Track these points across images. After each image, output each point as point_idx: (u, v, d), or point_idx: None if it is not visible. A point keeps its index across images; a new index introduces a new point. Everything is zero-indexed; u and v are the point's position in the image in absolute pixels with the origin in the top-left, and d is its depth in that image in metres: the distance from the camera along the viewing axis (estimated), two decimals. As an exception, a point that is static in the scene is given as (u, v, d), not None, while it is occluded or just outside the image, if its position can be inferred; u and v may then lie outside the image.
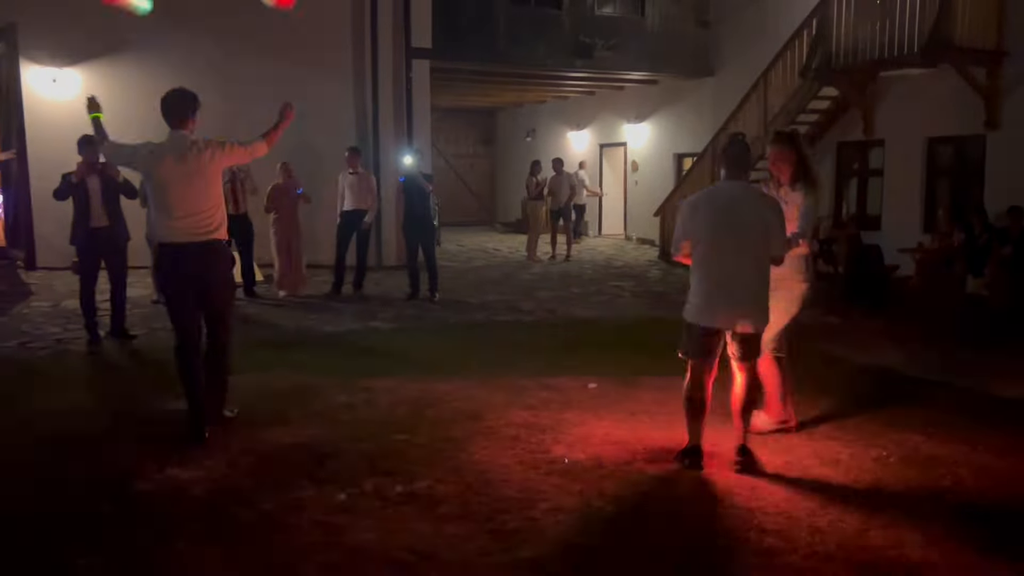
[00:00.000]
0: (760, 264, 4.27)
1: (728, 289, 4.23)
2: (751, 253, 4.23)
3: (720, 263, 4.24)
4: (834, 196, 13.22)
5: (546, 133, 20.99)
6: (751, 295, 4.26)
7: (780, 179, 4.81)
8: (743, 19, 14.74)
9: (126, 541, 3.57)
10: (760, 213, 4.27)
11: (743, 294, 4.25)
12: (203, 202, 4.80)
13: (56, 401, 5.68)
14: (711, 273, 4.26)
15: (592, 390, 5.90)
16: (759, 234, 4.24)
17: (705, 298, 4.28)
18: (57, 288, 10.37)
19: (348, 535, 3.59)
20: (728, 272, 4.23)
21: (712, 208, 4.29)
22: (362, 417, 5.29)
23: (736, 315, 4.26)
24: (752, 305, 4.27)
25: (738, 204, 4.27)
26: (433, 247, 10.20)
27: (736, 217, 4.24)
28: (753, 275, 4.25)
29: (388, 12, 12.93)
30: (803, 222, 4.68)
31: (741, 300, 4.25)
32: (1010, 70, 10.51)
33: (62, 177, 7.43)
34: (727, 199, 4.30)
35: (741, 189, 4.34)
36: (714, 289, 4.26)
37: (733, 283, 4.23)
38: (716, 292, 4.25)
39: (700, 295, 4.31)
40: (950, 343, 7.72)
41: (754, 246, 4.23)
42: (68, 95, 11.76)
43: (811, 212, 4.74)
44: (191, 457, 4.50)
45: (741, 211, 4.25)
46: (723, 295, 4.24)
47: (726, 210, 4.26)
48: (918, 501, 3.96)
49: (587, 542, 3.54)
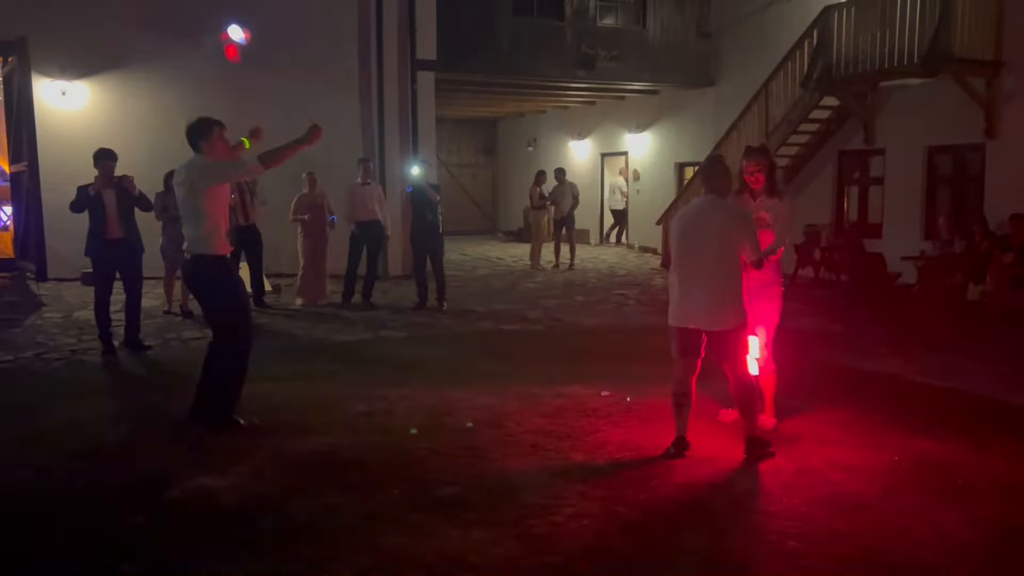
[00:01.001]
0: (724, 271, 4.63)
1: (695, 293, 4.65)
2: (715, 261, 4.63)
3: (688, 270, 4.69)
4: (836, 205, 13.36)
5: (547, 143, 21.13)
6: (715, 299, 4.63)
7: (755, 189, 5.15)
8: (744, 30, 14.91)
9: (163, 549, 3.66)
10: (728, 224, 4.67)
11: (708, 298, 4.63)
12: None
13: (76, 411, 5.76)
14: (682, 279, 4.72)
15: (605, 398, 6.00)
16: (724, 244, 4.64)
17: (677, 301, 4.72)
18: (68, 299, 10.45)
19: (378, 540, 3.68)
20: (694, 278, 4.65)
21: (684, 221, 4.79)
22: (381, 425, 5.38)
23: (702, 317, 4.64)
24: (716, 308, 4.63)
25: (706, 216, 4.69)
26: (441, 257, 10.30)
27: (703, 228, 4.66)
28: (717, 281, 4.63)
29: (393, 24, 13.07)
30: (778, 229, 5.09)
31: (706, 303, 4.63)
32: (1008, 80, 10.66)
33: (78, 189, 7.52)
34: (696, 212, 4.76)
35: (711, 203, 4.75)
36: (683, 293, 4.69)
37: (699, 288, 4.64)
38: (685, 296, 4.68)
39: (673, 299, 4.77)
40: (954, 350, 7.83)
41: (718, 254, 4.62)
42: (77, 108, 11.89)
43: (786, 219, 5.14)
44: (217, 466, 4.59)
45: (708, 223, 4.66)
46: (691, 299, 4.66)
47: (694, 223, 4.72)
48: (932, 505, 4.06)
49: (612, 547, 3.63)
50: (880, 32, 11.04)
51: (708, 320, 4.66)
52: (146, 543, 3.71)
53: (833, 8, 11.88)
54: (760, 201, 5.14)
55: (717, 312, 4.65)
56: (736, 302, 4.68)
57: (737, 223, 4.70)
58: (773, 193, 5.16)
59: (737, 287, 4.68)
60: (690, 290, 4.68)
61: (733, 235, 4.64)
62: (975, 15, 10.47)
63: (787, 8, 13.72)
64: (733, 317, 4.66)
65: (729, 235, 4.64)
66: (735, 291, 4.67)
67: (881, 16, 11.06)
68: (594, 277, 13.53)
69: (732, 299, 4.66)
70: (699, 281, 4.65)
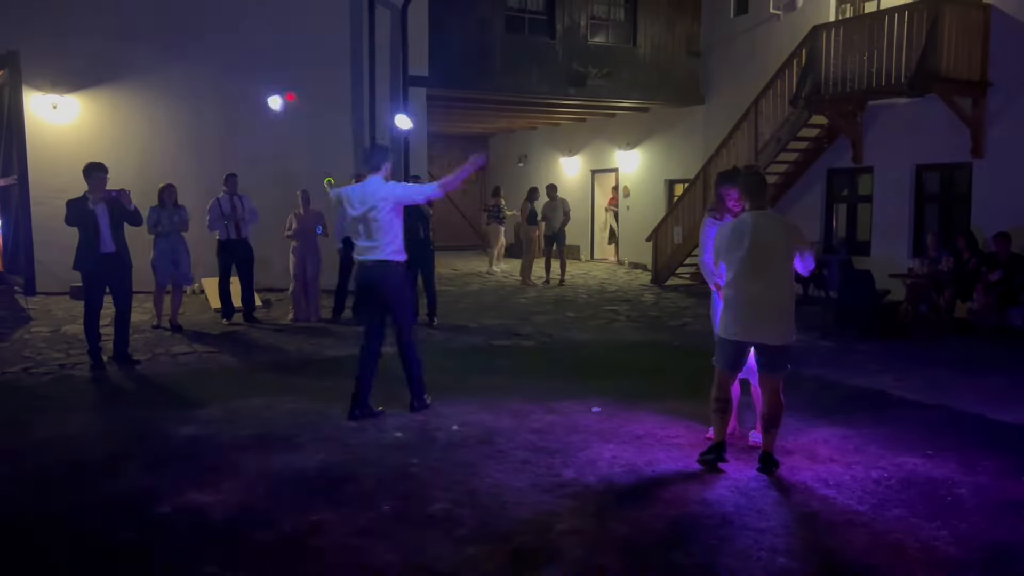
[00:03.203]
0: (788, 285, 4.77)
1: (758, 307, 4.72)
2: (781, 275, 4.74)
3: (752, 285, 4.72)
4: (824, 222, 13.46)
5: (538, 159, 21.22)
6: (782, 313, 4.74)
7: (736, 212, 5.19)
8: (733, 49, 15.05)
9: (153, 565, 3.64)
10: (785, 237, 4.76)
11: (774, 313, 4.73)
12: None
13: (64, 426, 5.73)
14: (741, 292, 4.76)
15: (596, 414, 6.00)
16: (788, 258, 4.73)
17: (735, 314, 4.78)
18: (56, 314, 10.40)
19: (370, 557, 3.67)
20: (759, 292, 4.72)
21: (739, 236, 4.79)
22: (372, 441, 5.37)
23: (767, 331, 4.73)
24: (781, 322, 4.74)
25: (769, 231, 4.76)
26: (433, 272, 10.31)
27: (768, 243, 4.73)
28: (783, 295, 4.74)
29: (385, 41, 13.14)
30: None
31: (773, 318, 4.73)
32: (994, 100, 10.80)
33: (68, 204, 7.44)
34: (755, 227, 4.76)
35: (768, 218, 4.83)
36: (744, 307, 4.74)
37: (763, 302, 4.72)
38: (749, 310, 4.74)
39: (731, 312, 4.81)
40: (942, 367, 7.88)
41: (783, 269, 4.74)
42: (68, 121, 11.88)
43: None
44: (208, 481, 4.57)
45: (773, 237, 4.74)
46: (755, 313, 4.73)
47: (753, 236, 4.74)
48: (921, 522, 4.07)
49: (603, 563, 3.63)
50: (868, 52, 11.18)
51: (771, 335, 4.73)
52: (137, 559, 3.68)
53: (821, 28, 12.02)
54: None
55: (781, 326, 4.75)
56: (794, 317, 4.81)
57: (796, 234, 4.84)
58: None
59: (794, 302, 4.82)
60: (754, 304, 4.73)
61: (795, 247, 4.75)
62: (961, 36, 10.61)
63: (776, 27, 13.87)
64: (792, 332, 4.80)
65: (792, 248, 4.74)
66: (794, 306, 4.81)
67: (869, 36, 11.20)
68: (585, 293, 13.56)
69: (792, 314, 4.80)
70: (765, 296, 4.72)
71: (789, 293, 4.78)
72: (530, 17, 14.98)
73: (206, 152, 12.10)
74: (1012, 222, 10.11)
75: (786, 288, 4.77)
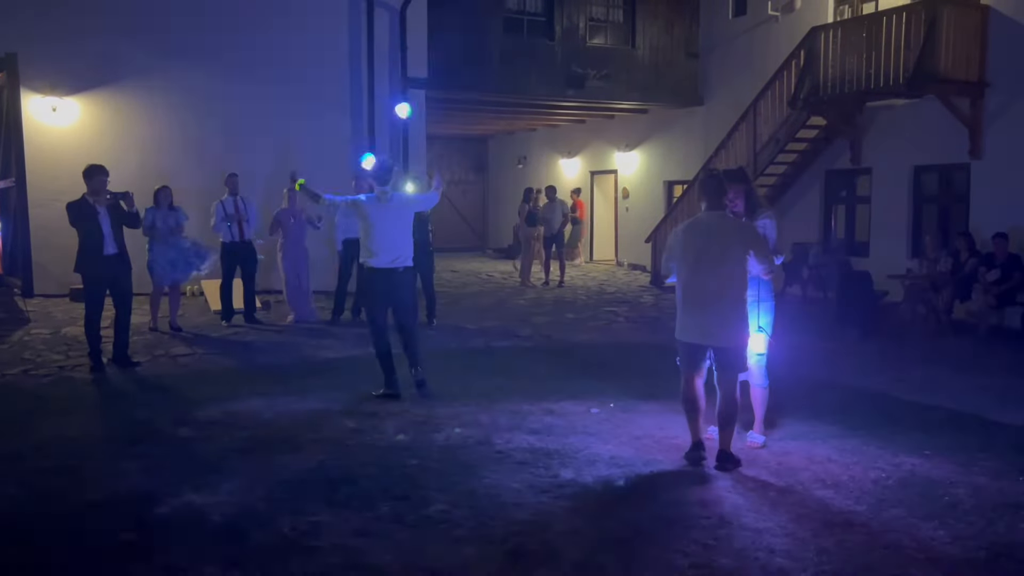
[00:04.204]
0: (736, 288, 4.73)
1: (707, 309, 4.75)
2: (728, 278, 4.71)
3: (702, 286, 4.76)
4: (823, 223, 13.47)
5: (537, 160, 21.24)
6: (727, 316, 4.73)
7: (736, 211, 5.19)
8: (732, 50, 15.07)
9: (152, 566, 3.64)
10: (737, 239, 4.75)
11: (719, 315, 4.73)
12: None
13: (64, 428, 5.73)
14: (690, 295, 4.81)
15: (595, 415, 6.01)
16: (738, 260, 4.71)
17: (687, 317, 4.84)
18: (55, 315, 10.41)
19: (368, 557, 3.68)
20: (705, 294, 4.75)
21: (692, 237, 4.84)
22: (371, 442, 5.38)
23: (713, 334, 4.77)
24: (727, 325, 4.74)
25: (717, 232, 4.77)
26: (431, 274, 10.32)
27: (715, 245, 4.74)
28: (728, 297, 4.72)
29: (384, 43, 13.15)
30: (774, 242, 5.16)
31: (718, 320, 4.74)
32: (992, 101, 10.81)
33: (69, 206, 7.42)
34: (708, 228, 4.82)
35: (722, 219, 4.84)
36: (694, 309, 4.79)
37: (712, 304, 4.74)
38: (695, 312, 4.79)
39: (683, 315, 4.86)
40: (940, 367, 7.89)
41: (731, 271, 4.72)
42: (67, 124, 11.89)
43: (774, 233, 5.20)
44: (207, 482, 4.58)
45: (720, 239, 4.75)
46: (702, 315, 4.77)
47: (706, 238, 4.79)
48: (919, 522, 4.08)
49: (602, 563, 3.64)
50: (866, 53, 11.19)
51: (718, 337, 4.76)
52: (136, 560, 3.69)
53: (820, 29, 12.04)
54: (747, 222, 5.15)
55: (728, 329, 4.75)
56: (745, 319, 4.79)
57: (755, 235, 4.83)
58: (756, 212, 5.19)
59: (746, 303, 4.79)
60: (700, 306, 4.76)
61: (747, 249, 4.73)
62: (959, 37, 10.62)
63: (774, 29, 13.89)
64: (741, 334, 4.78)
65: (743, 250, 4.73)
66: (745, 308, 4.78)
67: (867, 37, 11.22)
68: (584, 294, 13.57)
69: (742, 316, 4.77)
70: (709, 297, 4.73)
71: (738, 295, 4.75)
72: (529, 19, 15.00)
73: (205, 154, 12.11)
74: (1010, 223, 10.12)
75: (735, 290, 4.74)
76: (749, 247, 4.74)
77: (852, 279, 10.63)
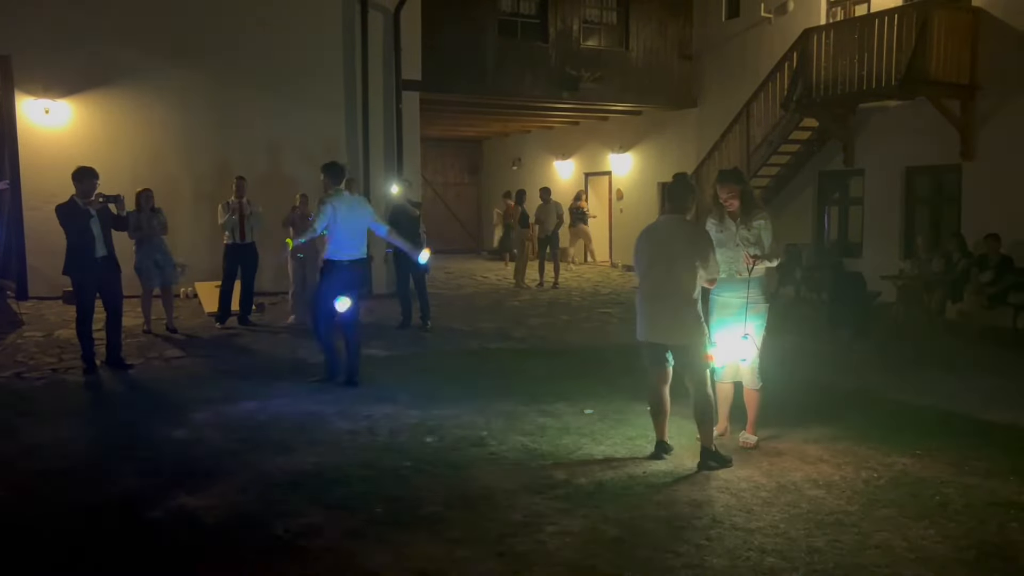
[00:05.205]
0: (685, 288, 4.79)
1: (660, 309, 4.86)
2: (677, 279, 4.79)
3: (653, 287, 4.88)
4: (816, 224, 13.52)
5: (532, 162, 21.26)
6: (676, 315, 4.82)
7: (731, 212, 5.23)
8: (725, 52, 15.12)
9: (146, 569, 3.65)
10: (689, 243, 4.82)
11: (670, 314, 4.82)
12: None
13: (57, 431, 5.73)
14: (646, 295, 4.93)
15: (588, 416, 6.02)
16: (686, 263, 4.78)
17: (643, 317, 4.96)
18: (49, 318, 10.39)
19: (361, 559, 3.69)
20: (658, 295, 4.86)
21: (648, 239, 4.95)
22: (365, 444, 5.39)
23: (665, 333, 4.87)
24: (678, 324, 4.82)
25: (668, 236, 4.86)
26: (423, 276, 10.32)
27: (666, 247, 4.85)
28: (678, 297, 4.79)
29: (379, 45, 13.16)
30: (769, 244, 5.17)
31: (669, 319, 4.83)
32: (982, 103, 10.88)
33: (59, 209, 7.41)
34: (659, 231, 4.93)
35: (675, 223, 4.91)
36: (648, 309, 4.91)
37: (662, 304, 4.84)
38: (650, 311, 4.91)
39: (640, 315, 4.99)
40: (932, 368, 7.92)
41: (680, 273, 4.79)
42: (60, 126, 11.87)
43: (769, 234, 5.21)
44: (201, 484, 4.58)
45: (671, 242, 4.84)
46: (655, 315, 4.88)
47: (657, 241, 4.91)
48: (910, 521, 4.11)
49: (594, 564, 3.65)
50: (858, 55, 11.25)
51: (671, 335, 4.87)
52: (129, 564, 3.69)
53: (812, 31, 12.09)
54: (741, 223, 5.19)
55: (679, 328, 4.83)
56: (696, 318, 4.84)
57: (706, 243, 4.88)
58: (752, 212, 5.22)
59: (696, 303, 4.84)
60: (654, 306, 4.88)
61: (692, 254, 4.79)
62: (950, 40, 10.68)
63: (767, 31, 13.95)
64: (693, 333, 4.83)
65: (690, 255, 4.79)
66: (695, 307, 4.83)
67: (859, 39, 11.27)
68: (578, 296, 13.59)
69: (692, 315, 4.82)
70: (662, 298, 4.84)
71: (688, 296, 4.78)
72: (523, 21, 15.04)
73: (199, 157, 12.11)
74: (1001, 223, 10.17)
75: (685, 292, 4.79)
76: (697, 254, 4.80)
77: (845, 280, 10.68)
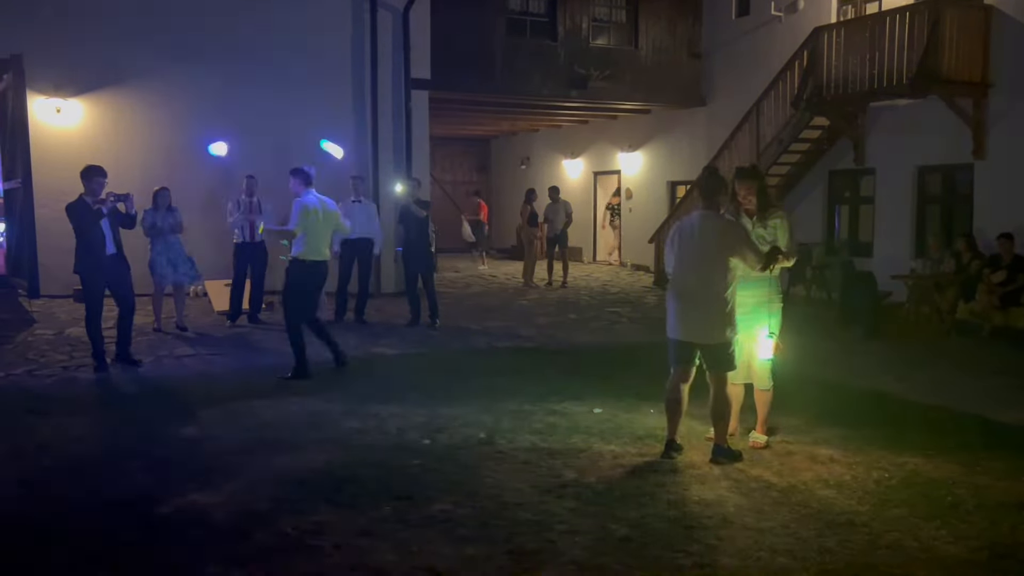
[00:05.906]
0: (720, 286, 4.76)
1: (692, 307, 4.84)
2: (712, 276, 4.76)
3: (684, 285, 4.86)
4: (826, 223, 13.46)
5: (540, 161, 21.24)
6: (712, 314, 4.79)
7: (748, 209, 5.18)
8: (735, 51, 15.06)
9: (156, 565, 3.66)
10: (724, 239, 4.79)
11: (705, 313, 4.80)
12: None
13: (68, 428, 5.76)
14: (677, 293, 4.89)
15: (597, 415, 6.01)
16: (722, 259, 4.76)
17: (675, 315, 4.92)
18: (60, 316, 10.44)
19: (370, 557, 3.69)
20: (690, 293, 4.83)
21: (681, 235, 4.92)
22: (374, 442, 5.39)
23: (699, 331, 4.84)
24: (712, 323, 4.80)
25: (701, 234, 4.82)
26: (432, 275, 10.33)
27: (697, 245, 4.80)
28: (710, 296, 4.77)
29: (388, 44, 13.17)
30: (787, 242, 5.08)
31: (703, 318, 4.81)
32: (995, 101, 10.80)
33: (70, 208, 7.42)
34: (693, 228, 4.89)
35: (706, 220, 4.87)
36: (681, 307, 4.88)
37: (694, 303, 4.82)
38: (684, 309, 4.87)
39: (671, 312, 4.96)
40: (943, 368, 7.88)
41: (715, 270, 4.76)
42: (72, 125, 11.92)
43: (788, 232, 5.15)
44: (210, 482, 4.59)
45: (703, 240, 4.80)
46: (690, 312, 4.86)
47: (691, 237, 4.87)
48: (920, 521, 4.08)
49: (604, 563, 3.64)
50: (869, 53, 11.18)
51: (703, 335, 4.83)
52: (138, 560, 3.70)
53: (823, 29, 12.03)
54: (758, 220, 5.11)
55: (710, 327, 4.80)
56: (727, 317, 4.79)
57: (743, 236, 4.83)
58: (769, 211, 5.14)
59: (727, 302, 4.78)
60: (685, 304, 4.84)
61: (733, 248, 4.74)
62: (962, 37, 10.61)
63: (777, 29, 13.88)
64: (726, 332, 4.80)
65: (728, 249, 4.75)
66: (726, 306, 4.78)
67: (870, 37, 11.21)
68: (587, 295, 13.57)
69: (723, 314, 4.78)
70: (693, 296, 4.81)
71: (719, 295, 4.77)
72: (532, 19, 15.02)
73: (209, 156, 12.12)
74: (1014, 223, 10.10)
75: (718, 290, 4.77)
76: (733, 249, 4.76)
77: (855, 279, 10.62)
